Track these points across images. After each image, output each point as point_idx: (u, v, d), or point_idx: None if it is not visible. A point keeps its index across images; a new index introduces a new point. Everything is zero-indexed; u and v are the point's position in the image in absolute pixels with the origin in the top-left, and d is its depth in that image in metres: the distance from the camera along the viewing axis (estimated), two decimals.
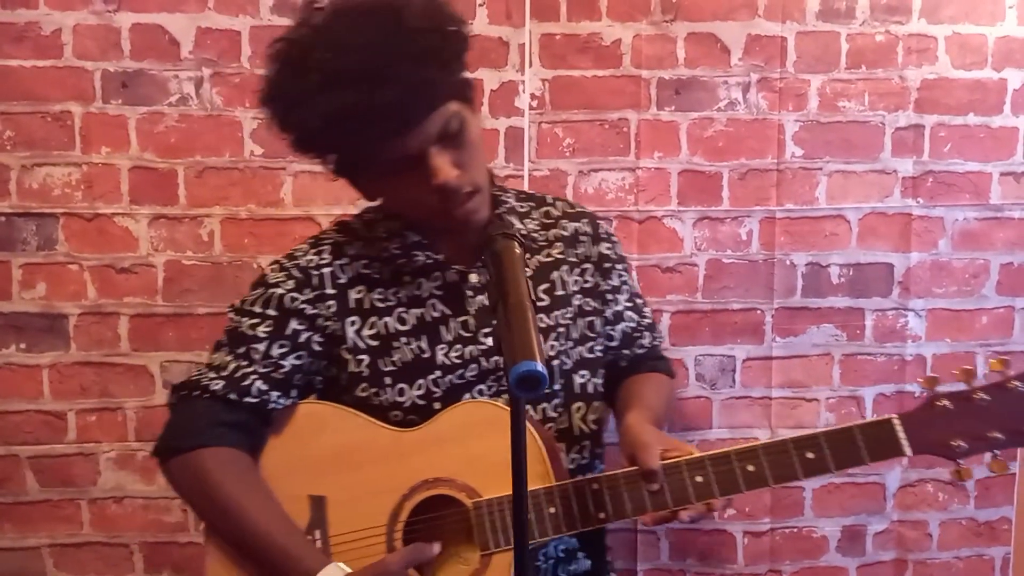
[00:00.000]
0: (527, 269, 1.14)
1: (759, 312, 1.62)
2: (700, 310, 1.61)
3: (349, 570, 1.02)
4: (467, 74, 1.06)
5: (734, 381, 1.62)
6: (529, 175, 1.57)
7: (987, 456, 1.00)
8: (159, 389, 1.56)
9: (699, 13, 1.56)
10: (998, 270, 1.65)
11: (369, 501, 1.06)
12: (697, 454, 1.02)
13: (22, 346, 1.54)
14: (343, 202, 1.56)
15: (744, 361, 1.63)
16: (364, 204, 1.56)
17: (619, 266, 1.24)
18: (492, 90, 1.55)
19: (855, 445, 0.99)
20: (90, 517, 1.58)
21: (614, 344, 1.23)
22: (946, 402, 1.00)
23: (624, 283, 1.25)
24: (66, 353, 1.55)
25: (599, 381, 1.19)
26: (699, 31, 1.57)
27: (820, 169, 1.60)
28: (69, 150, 1.51)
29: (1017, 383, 0.98)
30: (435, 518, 1.06)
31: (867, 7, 1.58)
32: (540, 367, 0.72)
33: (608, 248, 1.23)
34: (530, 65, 1.56)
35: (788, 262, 1.61)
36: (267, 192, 1.55)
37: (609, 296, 1.22)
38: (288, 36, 1.01)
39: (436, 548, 1.03)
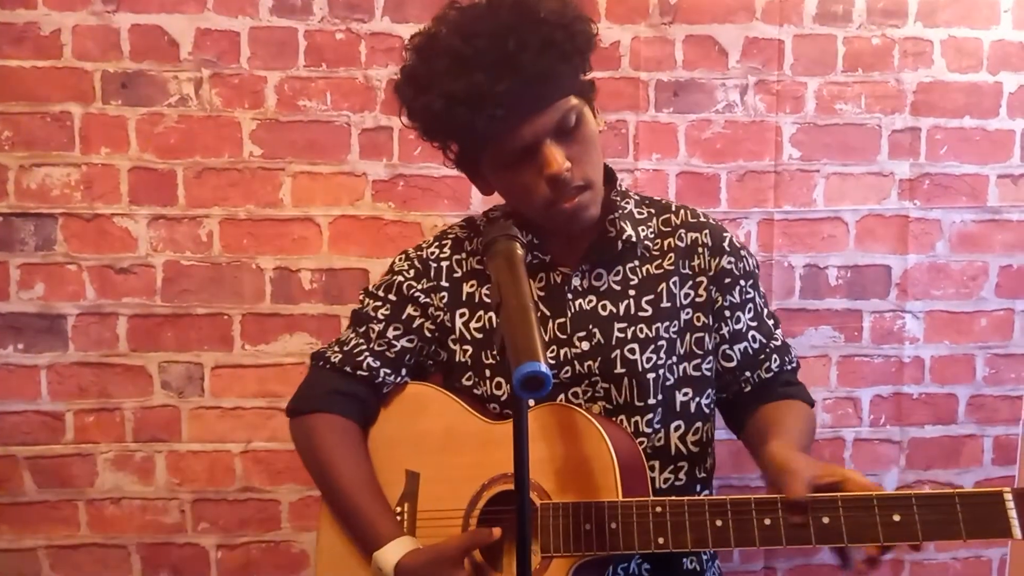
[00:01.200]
0: (634, 277, 1.13)
1: None
2: None
3: (419, 545, 1.04)
4: (590, 74, 1.07)
5: None
6: None
7: None
8: (157, 389, 1.56)
9: (697, 16, 1.57)
10: (997, 272, 1.65)
11: (456, 484, 1.10)
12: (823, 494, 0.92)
13: (20, 346, 1.54)
14: (342, 203, 1.56)
15: None
16: (366, 206, 1.57)
17: (743, 282, 1.17)
18: None
19: (953, 516, 0.88)
20: (87, 518, 1.57)
21: (732, 365, 1.16)
22: None
23: (749, 300, 1.18)
24: (64, 353, 1.54)
25: (706, 401, 1.15)
26: (697, 33, 1.58)
27: (818, 171, 1.61)
28: (68, 150, 1.51)
29: None
30: (508, 511, 1.07)
31: (864, 10, 1.59)
32: (544, 368, 0.72)
33: (731, 262, 1.16)
34: None
35: (786, 263, 1.62)
36: (266, 193, 1.55)
37: (727, 313, 1.15)
38: (425, 29, 1.04)
39: (496, 533, 1.03)
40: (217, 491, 1.58)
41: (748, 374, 1.18)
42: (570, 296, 1.12)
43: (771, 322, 1.21)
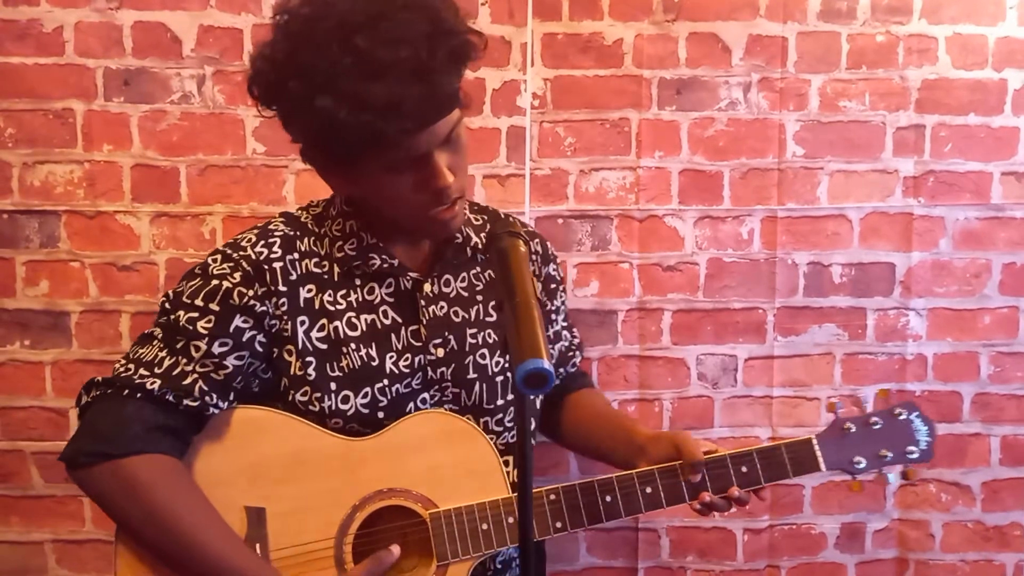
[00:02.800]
0: (479, 283, 1.16)
1: (761, 311, 1.62)
2: (701, 309, 1.62)
3: None
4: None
5: (736, 380, 1.63)
6: (530, 174, 1.57)
7: (895, 471, 1.19)
8: None
9: (701, 13, 1.56)
10: (1000, 270, 1.65)
11: (315, 513, 1.02)
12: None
13: (26, 343, 1.55)
14: None
15: (746, 360, 1.63)
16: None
17: (561, 287, 1.30)
18: (494, 89, 1.55)
19: (781, 461, 1.14)
20: (92, 514, 1.58)
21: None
22: (850, 425, 1.17)
23: (563, 304, 1.31)
24: (68, 350, 1.55)
25: (540, 398, 1.24)
26: (700, 31, 1.57)
27: (821, 168, 1.61)
28: (71, 148, 1.51)
29: (901, 411, 1.18)
30: (389, 529, 1.05)
31: (868, 7, 1.58)
32: (547, 365, 0.73)
33: (554, 269, 1.28)
34: (532, 64, 1.56)
35: (790, 261, 1.62)
36: (269, 190, 1.55)
37: (552, 316, 1.27)
38: (294, 8, 0.97)
39: (396, 551, 1.02)
40: None
41: (561, 370, 1.32)
42: (423, 302, 1.12)
43: (569, 322, 1.35)
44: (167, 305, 1.06)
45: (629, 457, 1.17)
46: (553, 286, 1.27)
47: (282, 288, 1.05)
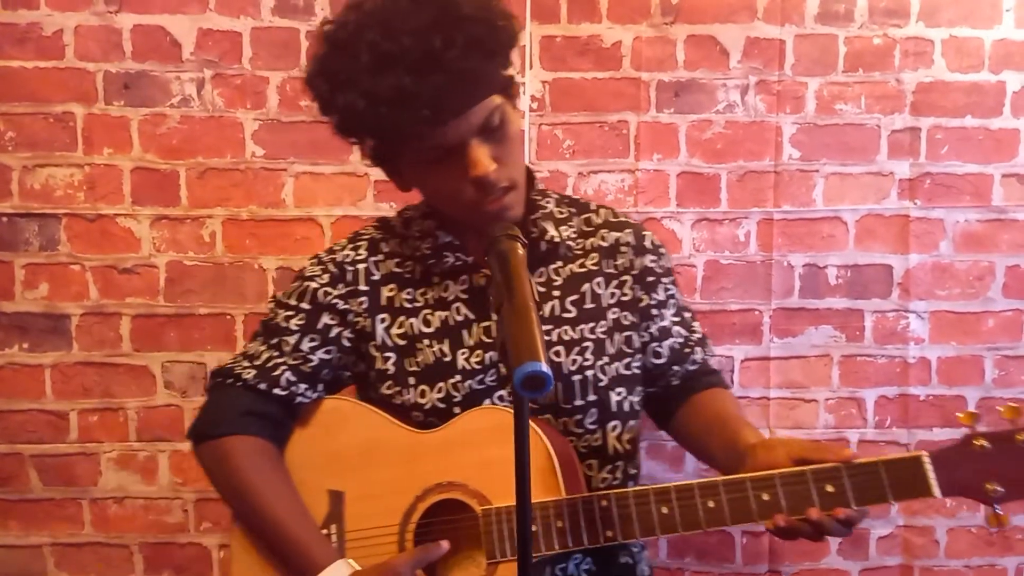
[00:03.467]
0: (557, 278, 1.13)
1: (757, 313, 1.62)
2: (698, 311, 1.60)
3: (357, 567, 1.02)
4: (512, 71, 1.05)
5: (732, 381, 1.62)
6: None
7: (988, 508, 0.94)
8: (160, 389, 1.57)
9: (699, 16, 1.57)
10: (1004, 272, 1.64)
11: (385, 500, 1.07)
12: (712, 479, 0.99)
13: (25, 346, 1.55)
14: (344, 203, 1.57)
15: (742, 362, 1.63)
16: (368, 206, 1.57)
17: (665, 280, 1.19)
18: None
19: (878, 481, 0.93)
20: (91, 517, 1.58)
21: (662, 361, 1.18)
22: (984, 443, 0.93)
23: (671, 297, 1.20)
24: (68, 353, 1.55)
25: (636, 399, 1.15)
26: (698, 34, 1.58)
27: (817, 171, 1.61)
28: (71, 151, 1.52)
29: None
30: (446, 521, 1.06)
31: (865, 10, 1.58)
32: (545, 368, 0.72)
33: (653, 261, 1.18)
34: (530, 67, 1.56)
35: (786, 263, 1.62)
36: (268, 193, 1.56)
37: (654, 311, 1.17)
38: (338, 18, 1.00)
39: (444, 546, 1.02)
40: None
41: (676, 368, 1.20)
42: (493, 299, 1.11)
43: (688, 315, 1.24)
44: (271, 305, 1.15)
45: (733, 465, 1.04)
46: (651, 279, 1.17)
47: (363, 287, 1.12)
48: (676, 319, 1.21)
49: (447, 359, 1.09)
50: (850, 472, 0.93)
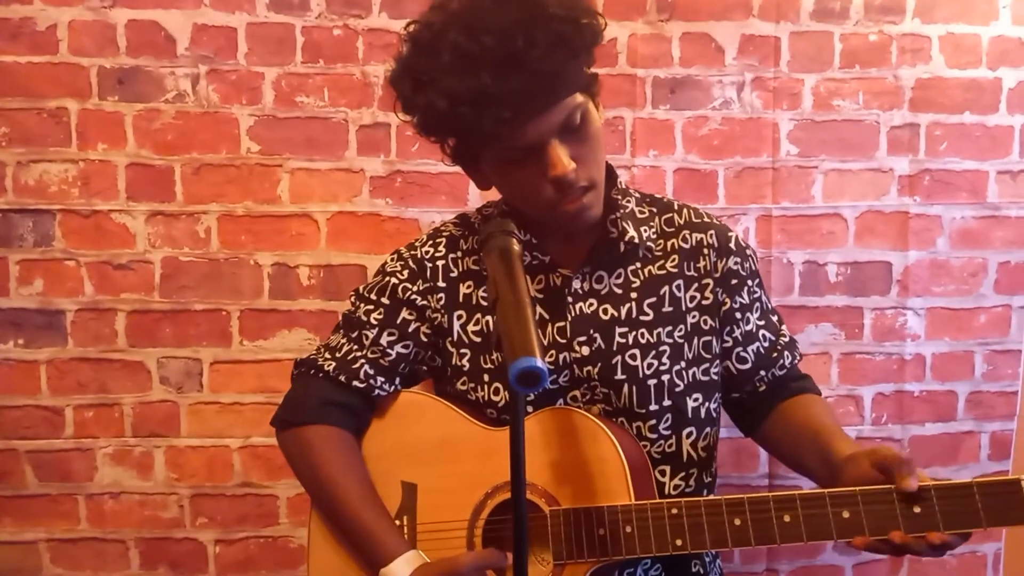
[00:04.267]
0: (636, 280, 1.11)
1: None
2: None
3: (427, 559, 1.03)
4: (595, 69, 1.04)
5: None
6: None
7: None
8: (156, 385, 1.57)
9: (694, 13, 1.56)
10: (996, 268, 1.65)
11: (456, 494, 1.07)
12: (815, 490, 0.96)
13: (20, 342, 1.55)
14: (340, 199, 1.56)
15: None
16: (364, 202, 1.57)
17: (750, 282, 1.16)
18: None
19: (972, 503, 0.89)
20: (87, 512, 1.58)
21: (747, 367, 1.15)
22: None
23: (756, 300, 1.17)
24: (63, 349, 1.55)
25: (714, 406, 1.14)
26: (694, 31, 1.57)
27: (816, 167, 1.61)
28: (66, 147, 1.51)
29: None
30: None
31: (861, 7, 1.58)
32: (540, 363, 0.72)
33: (737, 263, 1.14)
34: None
35: (785, 260, 1.62)
36: (264, 189, 1.55)
37: (738, 315, 1.14)
38: (423, 18, 1.00)
39: (509, 559, 1.01)
40: (215, 486, 1.59)
41: (763, 373, 1.17)
42: (570, 299, 1.10)
43: (775, 318, 1.20)
44: (353, 299, 1.17)
45: (828, 478, 1.01)
46: (735, 281, 1.14)
47: (441, 284, 1.13)
48: (761, 323, 1.17)
49: (544, 350, 1.07)
50: (939, 494, 0.90)
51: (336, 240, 1.56)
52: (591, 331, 1.09)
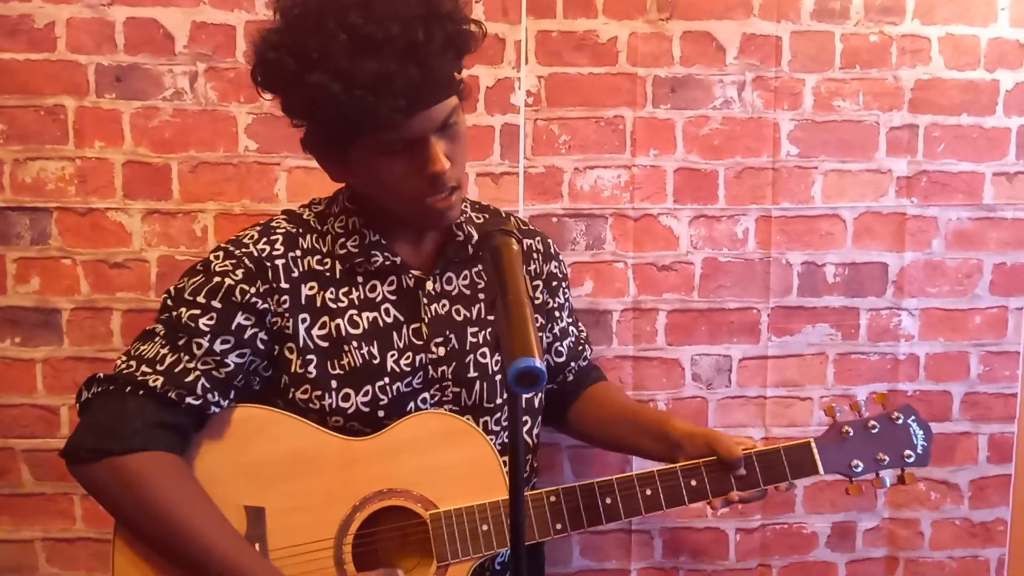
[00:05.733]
0: (480, 281, 1.16)
1: (755, 311, 1.62)
2: (696, 309, 1.61)
3: None
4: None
5: (730, 381, 1.62)
6: (524, 172, 1.57)
7: (890, 474, 1.20)
8: None
9: (695, 12, 1.56)
10: (991, 270, 1.65)
11: (315, 512, 1.02)
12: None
13: (16, 340, 1.54)
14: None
15: (740, 361, 1.63)
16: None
17: (564, 283, 1.29)
18: (488, 87, 1.55)
19: (780, 465, 1.14)
20: (82, 512, 1.57)
21: (562, 360, 1.29)
22: (848, 429, 1.19)
23: (567, 300, 1.31)
24: (59, 348, 1.54)
25: (540, 395, 1.22)
26: (695, 29, 1.57)
27: (815, 168, 1.61)
28: (62, 144, 1.50)
29: (899, 415, 1.20)
30: (388, 530, 1.05)
31: (861, 7, 1.58)
32: (539, 363, 0.72)
33: (556, 266, 1.27)
34: (526, 62, 1.56)
35: (784, 261, 1.62)
36: (261, 187, 1.54)
37: (556, 313, 1.27)
38: None
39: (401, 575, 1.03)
40: None
41: (573, 364, 1.31)
42: (425, 300, 1.11)
43: (574, 316, 1.35)
44: (169, 302, 1.05)
45: (665, 453, 1.18)
46: (555, 283, 1.27)
47: (284, 285, 1.05)
48: (570, 319, 1.32)
49: (376, 361, 1.07)
50: (759, 457, 1.14)
51: None
52: (447, 332, 1.12)
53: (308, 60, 0.93)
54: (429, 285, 1.12)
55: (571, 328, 1.32)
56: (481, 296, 1.16)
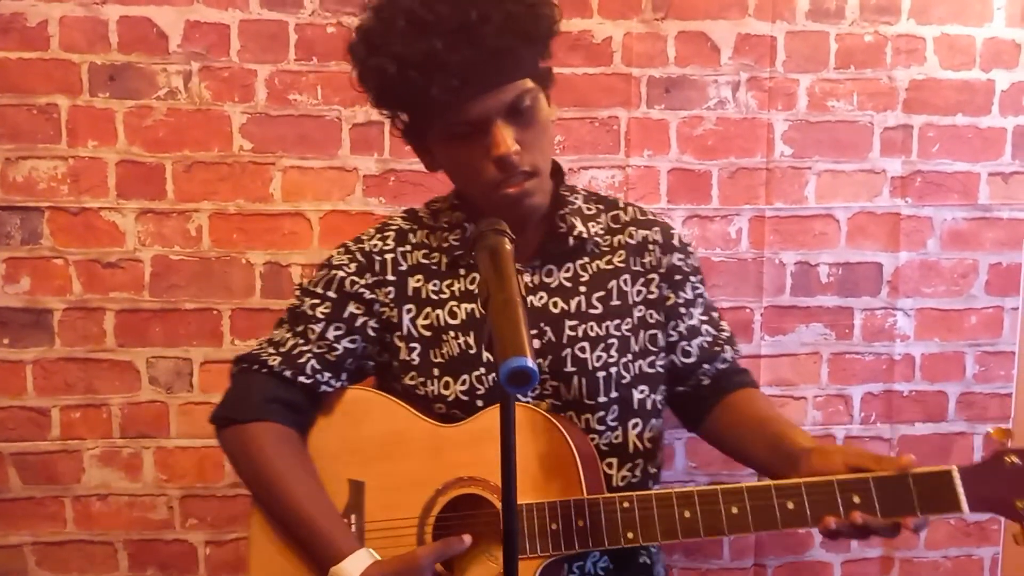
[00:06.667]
0: (584, 274, 1.13)
1: (748, 311, 1.62)
2: None
3: (378, 557, 1.02)
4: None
5: None
6: None
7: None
8: (145, 385, 1.55)
9: (690, 12, 1.56)
10: (987, 270, 1.66)
11: (405, 492, 1.07)
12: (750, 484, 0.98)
13: (5, 341, 1.53)
14: (333, 197, 1.55)
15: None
16: (357, 200, 1.56)
17: (693, 278, 1.19)
18: None
19: (907, 493, 0.91)
20: (74, 515, 1.56)
21: (691, 360, 1.18)
22: (1015, 459, 0.91)
23: (699, 296, 1.20)
24: (50, 348, 1.53)
25: (659, 398, 1.16)
26: (689, 30, 1.57)
27: (809, 168, 1.61)
28: (55, 143, 1.50)
29: None
30: (466, 516, 1.06)
31: (856, 7, 1.58)
32: (530, 363, 0.72)
33: (681, 259, 1.18)
34: None
35: (777, 261, 1.62)
36: (256, 187, 1.54)
37: (682, 310, 1.17)
38: None
39: (467, 540, 1.02)
40: (206, 487, 1.57)
41: (706, 367, 1.20)
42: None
43: (716, 314, 1.23)
44: (298, 292, 1.16)
45: (786, 468, 1.03)
46: (678, 277, 1.17)
47: (391, 277, 1.12)
48: (704, 318, 1.20)
49: (472, 351, 1.09)
50: (877, 484, 0.92)
51: (329, 239, 1.55)
52: (541, 324, 1.10)
53: (372, 46, 0.99)
54: (527, 277, 1.11)
55: (704, 327, 1.19)
56: (582, 290, 1.12)
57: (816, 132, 1.60)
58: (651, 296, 1.15)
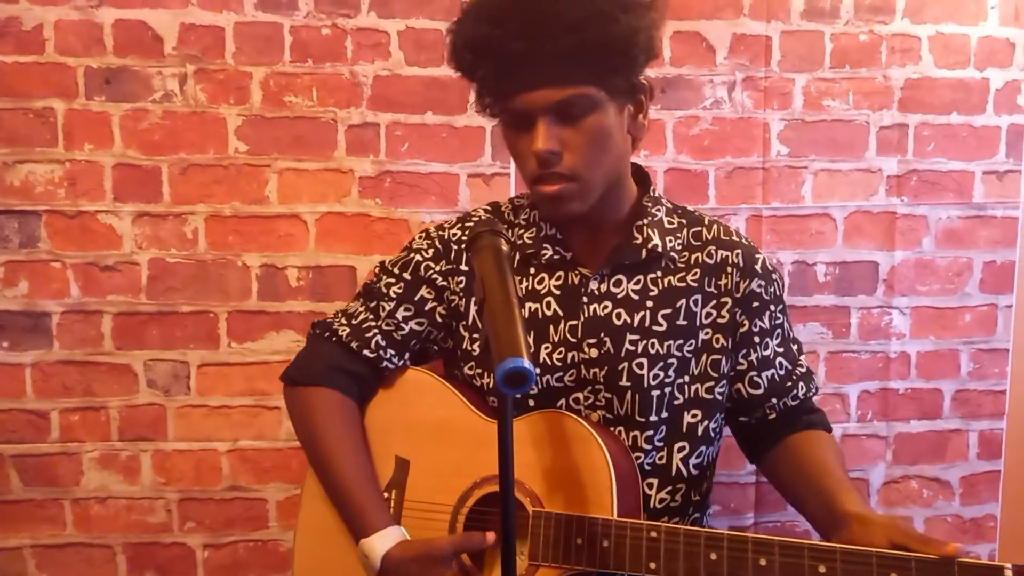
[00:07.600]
0: (654, 288, 1.11)
1: None
2: None
3: (407, 536, 1.04)
4: (640, 80, 1.06)
5: None
6: (515, 173, 1.57)
7: None
8: (143, 388, 1.55)
9: (685, 12, 1.56)
10: (981, 268, 1.66)
11: (446, 478, 1.09)
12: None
13: (4, 344, 1.53)
14: (329, 199, 1.55)
15: None
16: (353, 202, 1.56)
17: (773, 307, 1.15)
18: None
19: None
20: (73, 517, 1.56)
21: (759, 392, 1.14)
22: None
23: (778, 326, 1.16)
24: (49, 352, 1.53)
25: (713, 425, 1.13)
26: (685, 30, 1.57)
27: (806, 167, 1.61)
28: (52, 147, 1.50)
29: None
30: (497, 513, 1.05)
31: (851, 7, 1.58)
32: (526, 364, 0.72)
33: (761, 286, 1.13)
34: None
35: (775, 260, 1.62)
36: (252, 190, 1.54)
37: (756, 339, 1.13)
38: None
39: (490, 538, 1.01)
40: (203, 490, 1.57)
41: (775, 401, 1.15)
42: (585, 299, 1.10)
43: (795, 347, 1.19)
44: (377, 270, 1.20)
45: (827, 528, 1.00)
46: (756, 304, 1.12)
47: (463, 268, 1.15)
48: (780, 350, 1.16)
49: (530, 351, 1.07)
50: (920, 565, 0.86)
51: (325, 241, 1.55)
52: (601, 334, 1.09)
53: (459, 18, 1.03)
54: (594, 284, 1.10)
55: (779, 359, 1.15)
56: (649, 304, 1.09)
57: (812, 131, 1.60)
58: (721, 320, 1.12)
